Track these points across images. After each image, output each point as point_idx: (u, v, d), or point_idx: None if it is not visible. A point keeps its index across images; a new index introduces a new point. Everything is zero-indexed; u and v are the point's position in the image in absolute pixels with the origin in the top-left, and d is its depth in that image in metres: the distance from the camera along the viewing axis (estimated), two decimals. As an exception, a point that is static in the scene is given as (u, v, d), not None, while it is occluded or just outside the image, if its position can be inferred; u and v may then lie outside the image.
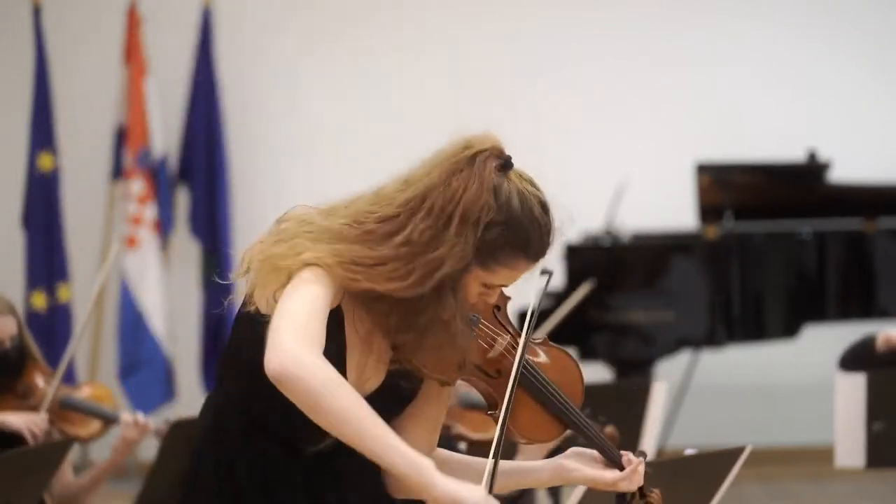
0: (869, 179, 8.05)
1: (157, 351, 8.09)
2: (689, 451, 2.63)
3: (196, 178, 8.37)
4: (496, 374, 2.61)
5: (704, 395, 8.23)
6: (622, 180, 7.94)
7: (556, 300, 7.08)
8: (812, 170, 7.95)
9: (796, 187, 7.92)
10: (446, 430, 4.07)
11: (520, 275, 2.54)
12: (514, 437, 2.64)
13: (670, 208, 8.25)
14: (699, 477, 2.71)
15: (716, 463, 2.72)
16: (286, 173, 8.61)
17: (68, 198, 8.15)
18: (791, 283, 7.54)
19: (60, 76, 8.29)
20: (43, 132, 8.05)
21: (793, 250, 7.55)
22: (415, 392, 2.64)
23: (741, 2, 8.97)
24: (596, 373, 7.74)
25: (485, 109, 8.37)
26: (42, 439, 4.20)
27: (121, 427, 4.45)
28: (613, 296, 7.41)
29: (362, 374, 2.55)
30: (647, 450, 4.60)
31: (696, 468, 2.70)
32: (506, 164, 2.51)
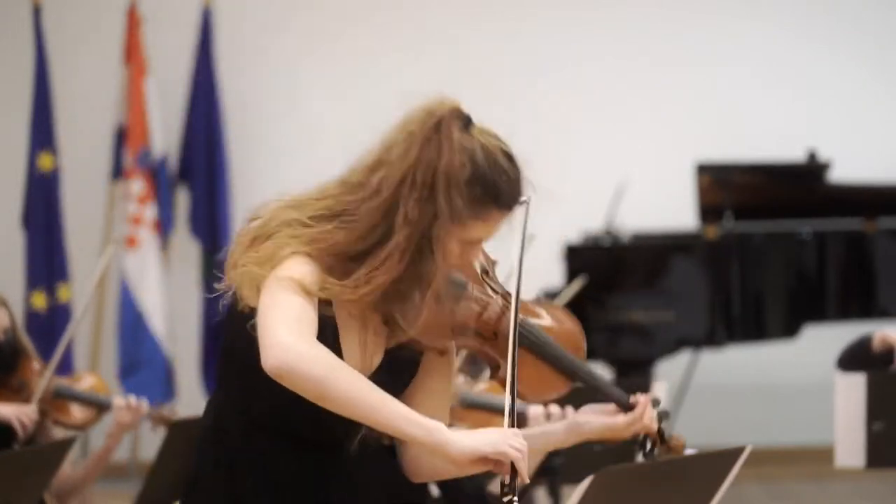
0: (869, 179, 8.05)
1: (157, 351, 8.08)
2: (689, 451, 2.62)
3: (196, 178, 8.37)
4: (493, 336, 2.62)
5: (704, 395, 8.23)
6: (622, 180, 7.94)
7: (556, 300, 7.08)
8: (812, 170, 7.94)
9: (796, 187, 7.92)
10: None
11: (495, 227, 2.55)
12: (523, 395, 2.64)
13: (670, 208, 8.24)
14: (699, 477, 2.71)
15: (716, 463, 2.71)
16: (286, 173, 8.60)
17: (68, 198, 8.15)
18: (791, 283, 7.54)
19: (60, 76, 8.28)
20: (43, 132, 8.05)
21: (793, 250, 7.55)
22: (416, 361, 2.64)
23: (741, 2, 8.97)
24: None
25: (485, 109, 8.36)
26: (31, 429, 4.26)
27: (114, 412, 4.51)
28: (613, 296, 7.41)
29: (366, 351, 2.56)
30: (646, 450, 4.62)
31: (696, 468, 2.70)
32: (467, 123, 2.57)
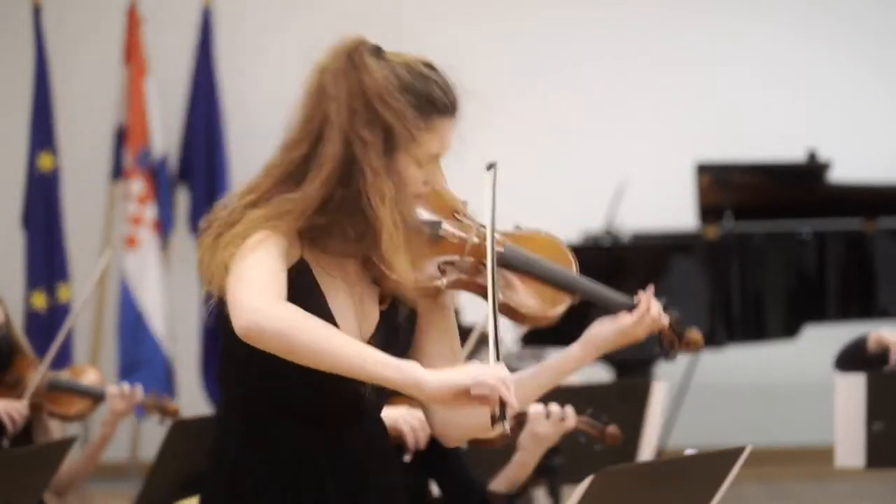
0: (869, 179, 8.05)
1: (157, 351, 8.08)
2: (689, 451, 2.62)
3: (196, 178, 8.37)
4: (481, 266, 2.60)
5: (704, 395, 8.22)
6: (622, 180, 7.94)
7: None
8: (812, 170, 7.95)
9: (796, 187, 7.92)
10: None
11: (445, 137, 2.56)
12: (523, 319, 2.63)
13: (670, 208, 8.24)
14: (699, 477, 2.71)
15: (716, 463, 2.71)
16: (286, 173, 8.60)
17: (68, 198, 8.15)
18: (791, 283, 7.54)
19: (60, 76, 8.29)
20: (43, 132, 8.06)
21: (793, 250, 7.55)
22: (413, 322, 2.63)
23: (741, 2, 8.98)
24: (596, 373, 7.75)
25: (485, 109, 8.37)
26: (21, 425, 4.29)
27: (108, 400, 4.55)
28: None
29: (363, 311, 2.56)
30: (647, 450, 4.63)
31: (696, 468, 2.70)
32: (378, 49, 2.56)
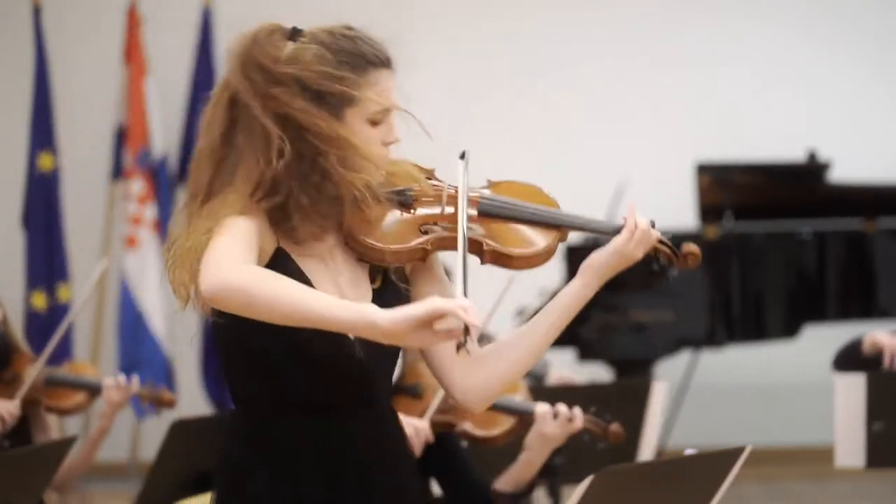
0: (869, 179, 8.05)
1: (157, 351, 8.08)
2: (689, 451, 2.62)
3: (196, 178, 8.37)
4: (454, 227, 2.59)
5: (704, 395, 8.23)
6: (622, 180, 7.94)
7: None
8: (812, 170, 7.95)
9: (796, 187, 7.92)
10: (450, 427, 4.07)
11: (388, 88, 2.64)
12: (517, 263, 2.62)
13: (670, 208, 8.22)
14: (699, 477, 2.70)
15: (716, 463, 2.71)
16: (286, 173, 8.60)
17: (68, 198, 8.15)
18: (791, 283, 7.54)
19: (60, 76, 8.29)
20: (43, 132, 8.06)
21: (793, 250, 7.55)
22: (407, 295, 2.62)
23: (741, 2, 8.98)
24: (596, 373, 7.75)
25: (485, 109, 8.37)
26: (12, 424, 4.30)
27: (104, 391, 4.56)
28: (613, 296, 7.41)
29: (358, 288, 2.57)
30: (647, 449, 4.63)
31: (696, 468, 2.70)
32: (294, 30, 2.71)
